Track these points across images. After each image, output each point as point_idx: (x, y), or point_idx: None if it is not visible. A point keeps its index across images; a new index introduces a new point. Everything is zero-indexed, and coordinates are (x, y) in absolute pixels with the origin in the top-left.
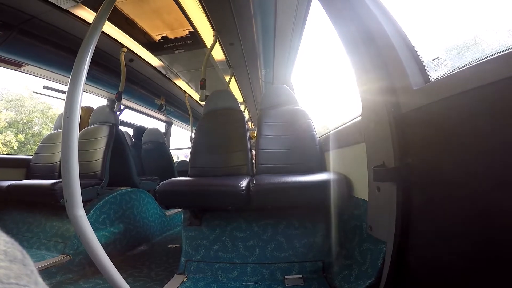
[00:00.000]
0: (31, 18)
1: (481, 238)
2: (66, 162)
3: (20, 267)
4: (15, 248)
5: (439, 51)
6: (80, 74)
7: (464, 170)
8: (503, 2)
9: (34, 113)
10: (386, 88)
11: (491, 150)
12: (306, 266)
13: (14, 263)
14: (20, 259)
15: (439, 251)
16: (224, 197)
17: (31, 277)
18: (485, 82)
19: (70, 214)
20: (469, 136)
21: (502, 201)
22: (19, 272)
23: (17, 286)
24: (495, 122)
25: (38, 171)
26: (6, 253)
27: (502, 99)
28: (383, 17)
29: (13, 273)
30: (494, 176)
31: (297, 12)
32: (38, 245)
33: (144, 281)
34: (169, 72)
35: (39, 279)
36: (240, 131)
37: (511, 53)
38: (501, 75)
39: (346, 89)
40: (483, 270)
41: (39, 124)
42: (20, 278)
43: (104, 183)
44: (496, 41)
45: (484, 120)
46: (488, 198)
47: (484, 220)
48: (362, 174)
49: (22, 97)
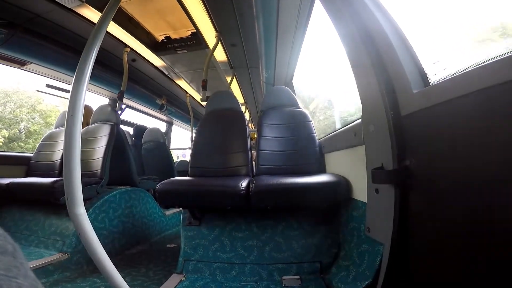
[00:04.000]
0: (35, 16)
1: (480, 241)
2: (68, 160)
3: (10, 260)
4: (6, 241)
5: (439, 55)
6: (84, 74)
7: (463, 173)
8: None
9: (21, 108)
10: (386, 90)
11: (491, 153)
12: (304, 267)
13: (4, 255)
14: (10, 252)
15: (436, 253)
16: (223, 198)
17: (20, 270)
18: (485, 85)
19: (70, 212)
20: (468, 139)
21: (502, 204)
22: (9, 264)
23: (5, 278)
24: (495, 125)
25: (38, 169)
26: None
27: (502, 102)
28: (383, 18)
29: (3, 265)
30: (493, 179)
31: (300, 14)
32: (37, 243)
33: (142, 280)
34: (171, 72)
35: (29, 272)
36: (240, 132)
37: (511, 56)
38: (502, 78)
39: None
40: (482, 274)
41: (26, 120)
42: (9, 270)
43: (104, 181)
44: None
45: (484, 123)
46: (487, 200)
47: (482, 223)
48: (361, 176)
49: (8, 92)
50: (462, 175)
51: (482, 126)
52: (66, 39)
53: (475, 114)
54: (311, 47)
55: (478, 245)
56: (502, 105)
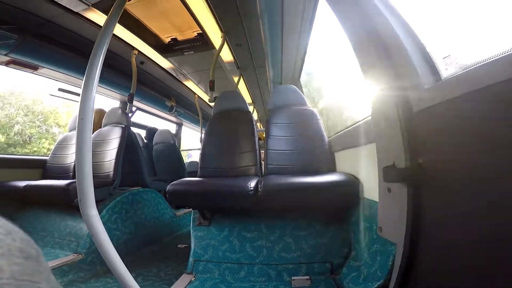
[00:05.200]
0: (45, 21)
1: (497, 242)
2: (80, 162)
3: (34, 265)
4: (30, 246)
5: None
6: (92, 77)
7: (479, 171)
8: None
9: (18, 110)
10: (396, 87)
11: (509, 150)
12: (314, 267)
13: (28, 260)
14: (34, 257)
15: (451, 254)
16: (232, 198)
17: (43, 274)
18: (498, 80)
19: (83, 213)
20: (483, 136)
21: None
22: (33, 269)
23: (29, 283)
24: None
25: (54, 172)
26: (21, 250)
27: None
28: (390, 14)
29: (27, 270)
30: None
31: (305, 11)
32: (52, 244)
33: (153, 281)
34: (179, 73)
35: (51, 276)
36: (248, 131)
37: None
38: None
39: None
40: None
41: (21, 122)
42: (33, 275)
43: (116, 183)
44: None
45: (499, 119)
46: (507, 199)
47: (502, 225)
48: (372, 174)
49: (4, 95)
50: (478, 172)
51: (497, 121)
52: (75, 43)
53: (490, 109)
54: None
55: (496, 246)
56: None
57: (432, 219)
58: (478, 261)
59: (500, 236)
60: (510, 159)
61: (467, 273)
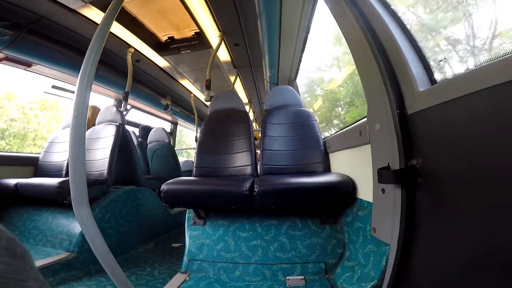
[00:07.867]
0: (40, 18)
1: (489, 243)
2: (74, 160)
3: (20, 263)
4: (16, 245)
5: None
6: (88, 74)
7: (472, 173)
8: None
9: None
10: (392, 89)
11: (500, 152)
12: (308, 267)
13: (14, 259)
14: (20, 255)
15: (444, 255)
16: (227, 198)
17: (29, 273)
18: (493, 84)
19: (76, 212)
20: (477, 138)
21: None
22: (19, 267)
23: (15, 281)
24: (504, 124)
25: (46, 169)
26: (7, 249)
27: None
28: (387, 16)
29: (13, 269)
30: (503, 179)
31: (303, 12)
32: (44, 242)
33: (147, 280)
34: (175, 72)
35: (38, 274)
36: (244, 131)
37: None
38: (510, 76)
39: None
40: (492, 277)
41: None
42: (20, 273)
43: (110, 181)
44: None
45: (492, 122)
46: (498, 202)
47: (493, 225)
48: (367, 175)
49: None
50: (471, 174)
51: (491, 124)
52: (71, 40)
53: (484, 112)
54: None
55: (488, 247)
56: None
57: (425, 220)
58: (471, 261)
59: (492, 237)
60: (502, 162)
61: (460, 274)
